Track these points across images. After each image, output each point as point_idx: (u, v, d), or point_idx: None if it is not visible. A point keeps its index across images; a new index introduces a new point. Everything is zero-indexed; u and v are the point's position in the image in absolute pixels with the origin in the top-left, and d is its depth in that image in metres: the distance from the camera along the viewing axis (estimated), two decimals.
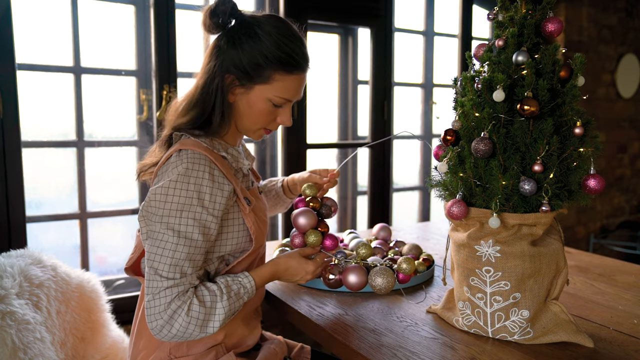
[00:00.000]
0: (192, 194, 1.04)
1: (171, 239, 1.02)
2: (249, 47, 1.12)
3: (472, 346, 1.09)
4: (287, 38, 1.15)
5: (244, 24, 1.14)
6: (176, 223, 1.03)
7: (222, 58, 1.13)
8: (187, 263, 1.03)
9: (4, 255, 1.31)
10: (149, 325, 1.03)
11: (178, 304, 1.01)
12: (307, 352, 1.34)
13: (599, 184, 1.02)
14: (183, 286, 1.02)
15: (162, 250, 1.02)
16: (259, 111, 1.16)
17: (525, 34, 1.07)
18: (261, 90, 1.15)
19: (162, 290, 1.01)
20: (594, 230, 3.96)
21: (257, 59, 1.12)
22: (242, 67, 1.13)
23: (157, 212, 1.04)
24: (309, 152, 2.58)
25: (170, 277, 1.01)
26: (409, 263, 1.33)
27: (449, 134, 1.12)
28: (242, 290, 1.10)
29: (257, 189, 1.28)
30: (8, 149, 1.87)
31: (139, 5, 2.19)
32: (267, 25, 1.14)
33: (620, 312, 1.27)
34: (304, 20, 2.47)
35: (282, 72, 1.14)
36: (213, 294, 1.05)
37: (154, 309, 1.01)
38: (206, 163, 1.08)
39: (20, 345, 1.09)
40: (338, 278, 1.33)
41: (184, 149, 1.09)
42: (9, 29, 1.84)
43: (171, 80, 2.15)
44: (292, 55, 1.15)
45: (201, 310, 1.02)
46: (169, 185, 1.05)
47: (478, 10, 3.20)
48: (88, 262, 2.16)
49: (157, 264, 1.02)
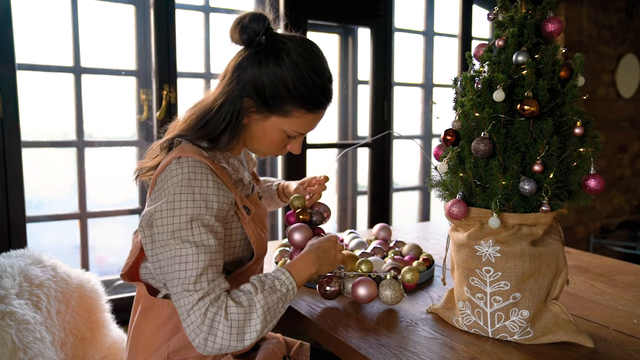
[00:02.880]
0: (199, 203, 1.02)
1: (190, 251, 0.99)
2: (273, 73, 1.08)
3: (472, 346, 1.09)
4: (315, 73, 1.10)
5: (272, 44, 1.10)
6: (190, 235, 1.00)
7: (244, 79, 1.09)
8: (210, 270, 1.00)
9: (4, 255, 1.31)
10: (194, 345, 0.98)
11: (214, 311, 0.97)
12: (306, 349, 1.33)
13: (599, 184, 1.02)
14: (214, 293, 0.99)
15: (185, 265, 0.99)
16: (272, 139, 1.15)
17: (525, 34, 1.07)
18: (277, 121, 1.12)
19: (194, 304, 0.97)
20: (594, 230, 3.96)
21: (279, 90, 1.08)
22: (262, 94, 1.09)
23: (168, 229, 1.01)
24: (309, 152, 2.58)
25: (198, 289, 0.98)
26: (412, 273, 1.30)
27: (449, 134, 1.12)
28: (277, 282, 1.05)
29: (257, 194, 1.26)
30: (8, 149, 1.87)
31: (139, 5, 2.19)
32: (296, 54, 1.09)
33: (620, 312, 1.27)
34: (304, 20, 2.47)
35: (303, 110, 1.11)
36: (248, 292, 1.02)
37: (192, 326, 0.97)
38: (207, 171, 1.05)
39: (20, 345, 1.09)
40: (336, 289, 1.30)
41: (184, 156, 1.06)
42: (9, 29, 1.84)
43: (171, 80, 2.15)
44: (317, 95, 1.11)
45: (240, 310, 0.98)
46: (173, 199, 1.01)
47: (478, 10, 3.20)
48: (88, 262, 2.16)
49: (183, 280, 0.98)
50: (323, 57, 1.15)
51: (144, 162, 1.19)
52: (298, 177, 2.52)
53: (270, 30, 1.11)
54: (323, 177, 1.44)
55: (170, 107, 2.15)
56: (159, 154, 1.17)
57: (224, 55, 1.19)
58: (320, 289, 1.30)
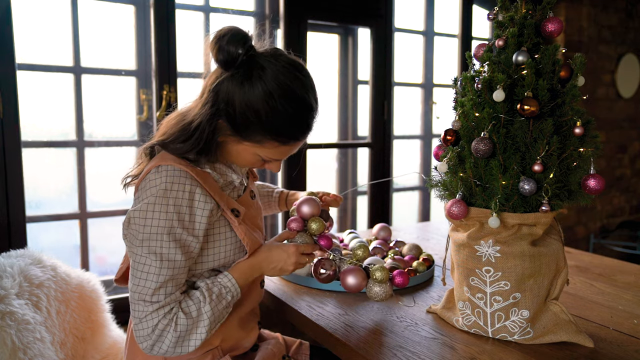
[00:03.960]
0: (171, 216, 1.01)
1: (154, 262, 1.00)
2: (245, 101, 1.02)
3: (472, 346, 1.09)
4: (290, 104, 1.03)
5: (250, 68, 1.03)
6: (158, 246, 1.00)
7: (219, 101, 1.04)
8: (170, 283, 1.02)
9: (4, 255, 1.31)
10: (140, 347, 1.02)
11: (165, 322, 1.00)
12: (305, 347, 1.33)
13: (599, 184, 1.02)
14: (169, 306, 1.01)
15: (147, 275, 1.00)
16: (246, 160, 1.12)
17: (525, 34, 1.07)
18: (251, 147, 1.08)
19: (148, 314, 1.00)
20: (594, 230, 3.96)
21: (249, 119, 1.03)
22: (234, 120, 1.04)
23: (138, 237, 1.01)
24: (309, 152, 2.58)
25: (154, 301, 1.00)
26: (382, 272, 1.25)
27: (449, 134, 1.12)
28: (224, 290, 1.07)
29: (249, 194, 1.23)
30: (8, 149, 1.87)
31: (139, 5, 2.19)
32: (273, 82, 1.02)
33: (620, 312, 1.27)
34: (303, 20, 2.47)
35: (275, 142, 1.06)
36: (197, 302, 1.04)
37: (142, 332, 1.00)
38: (186, 181, 1.03)
39: (20, 345, 1.09)
40: (330, 273, 1.28)
41: (164, 165, 1.03)
42: (9, 29, 1.84)
43: (171, 80, 2.15)
44: (290, 128, 1.05)
45: (188, 322, 1.02)
46: (147, 208, 1.01)
47: (478, 10, 3.20)
48: (88, 262, 2.16)
49: (142, 289, 1.00)
50: (307, 84, 1.08)
51: (131, 171, 1.17)
52: (298, 177, 2.52)
53: (250, 50, 1.03)
54: (340, 197, 1.44)
55: (170, 107, 2.15)
56: (142, 160, 1.15)
57: None
58: (315, 273, 1.28)
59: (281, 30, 2.45)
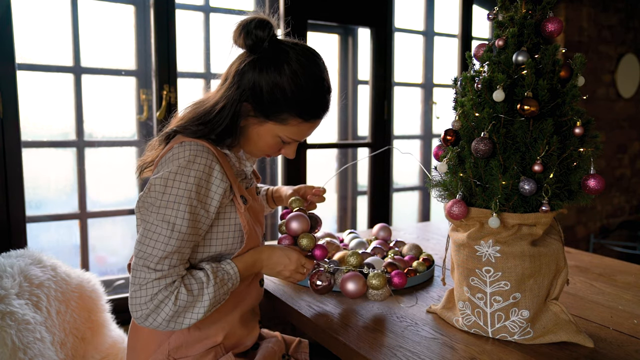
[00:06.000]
0: (191, 187, 1.04)
1: (164, 231, 1.02)
2: (272, 81, 1.10)
3: (472, 346, 1.09)
4: (313, 83, 1.12)
5: (275, 52, 1.11)
6: (172, 215, 1.02)
7: (244, 84, 1.11)
8: (175, 256, 1.03)
9: (4, 255, 1.31)
10: (133, 315, 1.02)
11: (165, 294, 1.01)
12: (305, 346, 1.34)
13: (599, 184, 1.02)
14: (171, 277, 1.02)
15: (155, 243, 1.02)
16: (266, 144, 1.17)
17: (525, 34, 1.07)
18: (273, 128, 1.14)
19: (149, 282, 1.00)
20: (594, 230, 3.96)
21: (277, 98, 1.10)
22: (260, 100, 1.11)
23: (155, 203, 1.04)
24: (308, 152, 2.58)
25: (158, 269, 1.01)
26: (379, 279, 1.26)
27: (449, 134, 1.12)
28: (226, 276, 1.10)
29: (254, 189, 1.27)
30: (8, 149, 1.87)
31: (139, 5, 2.19)
32: (297, 63, 1.11)
33: (620, 312, 1.27)
34: (303, 20, 2.47)
35: (299, 119, 1.13)
36: (200, 282, 1.05)
37: (139, 299, 1.01)
38: (208, 156, 1.07)
39: (20, 345, 1.09)
40: (326, 284, 1.29)
41: (187, 141, 1.08)
42: (9, 29, 1.84)
43: (171, 80, 2.15)
44: (314, 105, 1.14)
45: (189, 298, 1.03)
46: (168, 176, 1.04)
47: (478, 10, 3.20)
48: (88, 262, 2.16)
49: (148, 255, 1.01)
50: (324, 67, 1.17)
51: (145, 158, 1.21)
52: (298, 177, 2.52)
53: (274, 36, 1.12)
54: (322, 189, 1.45)
55: (170, 107, 2.15)
56: (158, 147, 1.18)
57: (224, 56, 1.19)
58: (312, 285, 1.30)
59: (281, 30, 2.45)
